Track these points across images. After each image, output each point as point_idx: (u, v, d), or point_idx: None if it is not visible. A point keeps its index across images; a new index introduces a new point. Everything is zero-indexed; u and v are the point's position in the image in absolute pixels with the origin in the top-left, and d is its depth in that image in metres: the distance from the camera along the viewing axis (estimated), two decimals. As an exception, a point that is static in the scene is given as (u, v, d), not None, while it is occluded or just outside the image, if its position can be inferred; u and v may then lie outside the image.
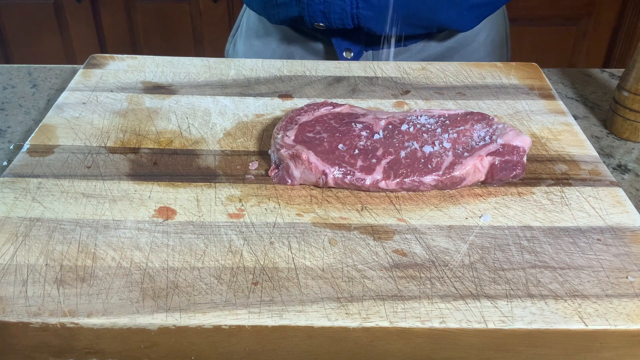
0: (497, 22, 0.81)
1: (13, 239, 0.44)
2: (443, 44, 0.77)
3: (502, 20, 0.84)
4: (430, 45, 0.77)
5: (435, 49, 0.77)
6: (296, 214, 0.47)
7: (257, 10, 0.77)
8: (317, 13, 0.69)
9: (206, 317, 0.38)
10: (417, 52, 0.77)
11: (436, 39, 0.76)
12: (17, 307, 0.39)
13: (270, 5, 0.72)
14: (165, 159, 0.53)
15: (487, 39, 0.79)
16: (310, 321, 0.38)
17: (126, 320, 0.38)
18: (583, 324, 0.39)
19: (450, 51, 0.77)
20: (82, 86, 0.63)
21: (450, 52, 0.77)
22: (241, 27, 0.87)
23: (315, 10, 0.69)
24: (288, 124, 0.53)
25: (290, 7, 0.71)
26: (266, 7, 0.73)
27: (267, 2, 0.73)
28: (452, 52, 0.77)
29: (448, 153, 0.49)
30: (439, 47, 0.77)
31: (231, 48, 0.89)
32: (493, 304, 0.40)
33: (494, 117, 0.53)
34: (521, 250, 0.44)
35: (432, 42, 0.76)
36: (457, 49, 0.77)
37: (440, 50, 0.77)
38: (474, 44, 0.78)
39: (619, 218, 0.47)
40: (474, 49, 0.78)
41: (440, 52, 0.77)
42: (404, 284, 0.41)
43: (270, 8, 0.73)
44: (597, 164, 0.53)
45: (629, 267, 0.43)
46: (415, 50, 0.77)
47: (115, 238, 0.44)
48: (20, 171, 0.50)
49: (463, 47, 0.78)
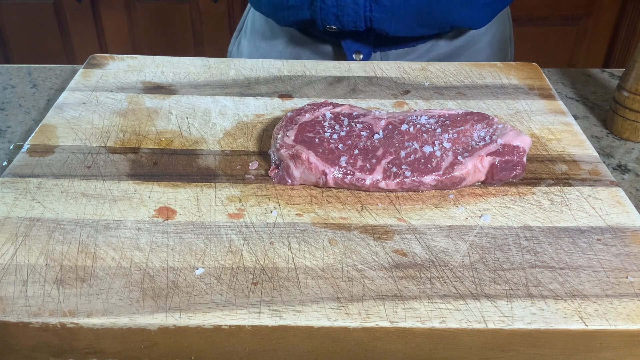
0: (502, 21, 0.81)
1: (13, 238, 0.44)
2: (451, 44, 0.77)
3: (507, 19, 0.84)
4: (438, 44, 0.77)
5: (443, 49, 0.77)
6: (296, 214, 0.47)
7: (266, 13, 0.76)
8: (329, 16, 0.69)
9: (206, 317, 0.38)
10: (425, 52, 0.77)
11: (444, 38, 0.76)
12: (17, 307, 0.39)
13: (281, 7, 0.72)
14: (165, 159, 0.53)
15: (494, 39, 0.80)
16: (310, 321, 0.38)
17: (126, 320, 0.38)
18: (583, 324, 0.39)
19: (458, 50, 0.77)
20: (82, 86, 0.63)
21: (457, 51, 0.77)
22: (245, 28, 0.87)
23: (328, 13, 0.69)
24: (288, 124, 0.53)
25: (302, 9, 0.70)
26: (276, 10, 0.73)
27: (277, 5, 0.72)
28: (460, 51, 0.77)
29: (448, 153, 0.49)
30: (447, 46, 0.77)
31: (235, 49, 0.89)
32: (493, 304, 0.40)
33: (494, 117, 0.53)
34: (521, 250, 0.44)
35: (440, 42, 0.76)
36: (465, 48, 0.78)
37: (447, 50, 0.77)
38: (480, 44, 0.78)
39: (619, 218, 0.47)
40: (480, 48, 0.78)
41: (448, 52, 0.77)
42: (404, 284, 0.41)
43: (281, 10, 0.73)
44: (597, 164, 0.53)
45: (629, 267, 0.43)
46: (423, 50, 0.77)
47: (115, 238, 0.44)
48: (20, 171, 0.50)
49: (470, 46, 0.78)
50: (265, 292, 0.40)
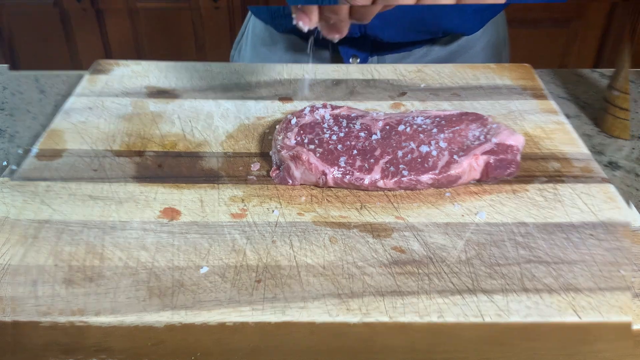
0: (497, 26, 0.82)
1: (23, 240, 0.45)
2: (446, 49, 0.78)
3: (502, 24, 0.84)
4: (433, 49, 0.78)
5: (438, 54, 0.78)
6: (297, 213, 0.48)
7: (264, 20, 0.78)
8: None
9: (211, 315, 0.39)
10: (421, 57, 0.78)
11: (439, 43, 0.77)
12: (28, 306, 0.39)
13: (278, 15, 0.74)
14: (169, 162, 0.54)
15: (489, 43, 0.80)
16: (312, 317, 0.39)
17: (133, 319, 0.39)
18: (577, 317, 0.39)
19: (453, 55, 0.78)
20: (88, 92, 0.64)
21: (453, 56, 0.78)
22: (246, 34, 0.88)
23: None
24: (288, 126, 0.54)
25: None
26: (274, 17, 0.75)
27: (275, 12, 0.74)
28: (455, 55, 0.78)
29: (444, 152, 0.51)
30: (442, 51, 0.78)
31: (236, 54, 0.90)
32: (489, 299, 0.41)
33: (488, 117, 0.55)
34: (516, 246, 0.45)
35: (435, 47, 0.77)
36: (460, 52, 0.78)
37: (443, 54, 0.78)
38: (476, 48, 0.79)
39: (611, 213, 0.48)
40: (476, 52, 0.79)
41: (444, 56, 0.78)
42: (402, 280, 0.42)
43: (278, 18, 0.74)
44: (588, 162, 0.54)
45: (620, 261, 0.43)
46: (419, 54, 0.78)
47: (122, 239, 0.45)
48: (29, 175, 0.51)
49: (465, 50, 0.78)
50: (268, 289, 0.41)
